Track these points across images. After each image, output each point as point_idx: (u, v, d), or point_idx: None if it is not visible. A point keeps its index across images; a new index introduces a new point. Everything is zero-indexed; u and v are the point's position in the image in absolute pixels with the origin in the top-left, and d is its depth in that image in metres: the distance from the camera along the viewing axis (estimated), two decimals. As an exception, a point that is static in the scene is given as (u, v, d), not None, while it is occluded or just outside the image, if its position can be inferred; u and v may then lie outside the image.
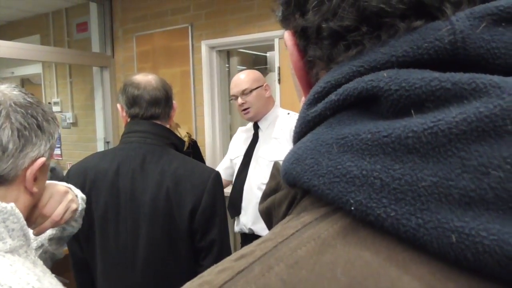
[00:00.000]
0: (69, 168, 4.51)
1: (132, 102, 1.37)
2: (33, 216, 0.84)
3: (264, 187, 1.99)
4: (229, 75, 3.55)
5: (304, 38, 0.32)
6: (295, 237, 0.26)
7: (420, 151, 0.23)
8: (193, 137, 3.14)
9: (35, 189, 0.77)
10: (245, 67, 3.78)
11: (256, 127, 2.14)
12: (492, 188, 0.21)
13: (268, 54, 3.92)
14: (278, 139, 2.03)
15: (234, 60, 3.62)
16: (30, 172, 0.75)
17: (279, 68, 2.98)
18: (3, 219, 0.69)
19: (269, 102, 2.10)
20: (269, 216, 0.38)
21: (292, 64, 0.34)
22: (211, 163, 3.25)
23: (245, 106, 2.04)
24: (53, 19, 4.41)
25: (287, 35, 0.34)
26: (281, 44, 2.97)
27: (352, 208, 0.24)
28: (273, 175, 0.39)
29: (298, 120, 0.32)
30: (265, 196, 0.39)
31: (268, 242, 0.26)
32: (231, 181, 2.29)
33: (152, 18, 3.65)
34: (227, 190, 2.69)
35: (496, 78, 0.23)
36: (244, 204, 2.10)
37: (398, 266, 0.22)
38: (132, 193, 1.31)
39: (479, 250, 0.21)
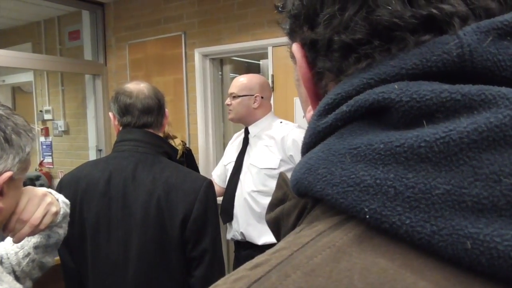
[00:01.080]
0: (60, 176, 4.44)
1: (125, 110, 1.37)
2: (11, 223, 0.82)
3: (254, 194, 2.03)
4: (222, 83, 3.56)
5: (314, 51, 0.32)
6: (310, 246, 0.26)
7: (433, 160, 0.24)
8: (187, 144, 3.13)
9: (0, 204, 0.74)
10: (237, 75, 3.79)
11: (246, 132, 2.16)
12: (504, 195, 0.22)
13: (261, 62, 3.94)
14: (270, 147, 2.04)
15: (227, 67, 3.63)
16: None
17: (272, 76, 3.00)
18: None
19: (255, 112, 2.11)
20: (277, 226, 0.38)
21: (301, 75, 0.34)
22: (204, 171, 3.24)
23: (229, 108, 2.14)
24: (45, 27, 4.40)
25: (295, 47, 0.34)
26: (274, 52, 2.99)
27: (367, 216, 0.25)
28: (279, 185, 0.40)
29: (308, 131, 0.32)
30: (272, 206, 0.39)
31: (283, 251, 0.27)
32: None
33: (145, 26, 3.66)
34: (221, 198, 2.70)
35: (504, 90, 0.24)
36: (235, 210, 2.10)
37: (413, 272, 0.23)
38: (124, 202, 1.30)
39: (494, 256, 0.22)
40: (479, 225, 0.22)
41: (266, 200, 2.00)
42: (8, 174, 0.73)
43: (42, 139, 4.51)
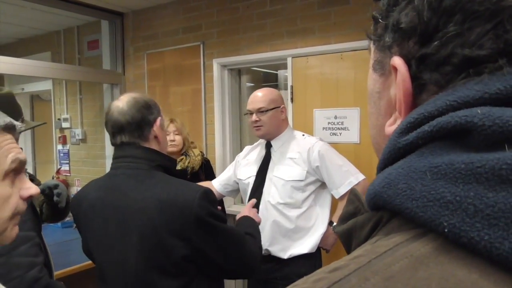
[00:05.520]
0: (77, 184, 4.41)
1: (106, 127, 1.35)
2: None
3: (281, 206, 2.01)
4: (240, 93, 3.54)
5: (422, 64, 0.33)
6: (388, 255, 0.28)
7: None
8: (204, 154, 3.11)
9: None
10: (253, 85, 3.78)
11: (268, 146, 2.14)
12: None
13: (278, 72, 3.92)
14: (294, 159, 2.03)
15: (244, 77, 3.61)
16: None
17: (291, 87, 2.97)
18: None
19: (283, 124, 2.12)
20: (349, 237, 0.40)
21: (403, 89, 0.35)
22: (221, 182, 3.21)
23: (258, 124, 2.07)
24: (64, 37, 4.45)
25: (399, 61, 0.35)
26: (294, 63, 2.96)
27: (446, 230, 0.26)
28: (350, 200, 0.42)
29: (387, 147, 0.34)
30: (343, 219, 0.42)
31: (361, 258, 0.29)
32: (223, 196, 2.38)
33: (164, 36, 3.67)
34: (235, 209, 2.66)
35: None
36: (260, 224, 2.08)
37: (490, 286, 0.24)
38: (118, 221, 1.26)
39: None
40: None
41: (293, 213, 2.01)
42: None
43: (59, 147, 4.54)
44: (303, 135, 2.13)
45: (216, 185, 2.36)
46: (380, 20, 0.37)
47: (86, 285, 2.52)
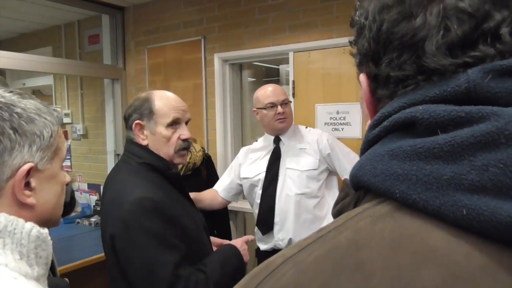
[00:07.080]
0: (78, 180, 4.37)
1: None
2: None
3: (298, 197, 2.08)
4: (241, 88, 3.52)
5: (376, 82, 0.45)
6: (357, 216, 0.38)
7: (443, 157, 0.34)
8: (205, 150, 3.10)
9: (31, 200, 0.68)
10: (255, 79, 3.75)
11: (277, 141, 2.15)
12: (490, 179, 0.32)
13: (280, 67, 3.89)
14: (305, 149, 2.08)
15: (246, 72, 3.59)
16: (14, 182, 0.66)
17: (293, 82, 2.94)
18: (36, 245, 0.66)
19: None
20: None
21: (365, 99, 0.47)
22: (223, 177, 3.20)
23: (284, 116, 2.10)
24: (65, 31, 4.42)
25: (362, 77, 0.47)
26: (295, 58, 2.93)
27: (397, 195, 0.36)
28: (342, 189, 0.50)
29: (363, 140, 0.45)
30: (336, 204, 0.51)
31: (339, 220, 0.40)
32: (229, 202, 2.40)
33: (164, 31, 3.64)
34: (245, 206, 2.66)
35: (495, 108, 0.34)
36: (278, 218, 2.09)
37: (427, 230, 0.34)
38: (103, 211, 1.41)
39: (481, 219, 0.31)
40: (473, 199, 0.32)
41: (310, 202, 2.06)
42: (27, 166, 0.67)
43: (61, 142, 4.53)
44: (306, 127, 2.20)
45: (220, 191, 2.36)
46: (352, 46, 0.49)
47: (90, 280, 2.52)
